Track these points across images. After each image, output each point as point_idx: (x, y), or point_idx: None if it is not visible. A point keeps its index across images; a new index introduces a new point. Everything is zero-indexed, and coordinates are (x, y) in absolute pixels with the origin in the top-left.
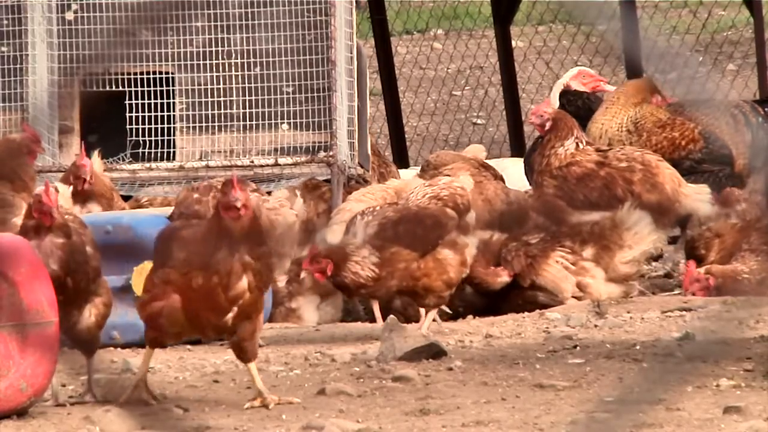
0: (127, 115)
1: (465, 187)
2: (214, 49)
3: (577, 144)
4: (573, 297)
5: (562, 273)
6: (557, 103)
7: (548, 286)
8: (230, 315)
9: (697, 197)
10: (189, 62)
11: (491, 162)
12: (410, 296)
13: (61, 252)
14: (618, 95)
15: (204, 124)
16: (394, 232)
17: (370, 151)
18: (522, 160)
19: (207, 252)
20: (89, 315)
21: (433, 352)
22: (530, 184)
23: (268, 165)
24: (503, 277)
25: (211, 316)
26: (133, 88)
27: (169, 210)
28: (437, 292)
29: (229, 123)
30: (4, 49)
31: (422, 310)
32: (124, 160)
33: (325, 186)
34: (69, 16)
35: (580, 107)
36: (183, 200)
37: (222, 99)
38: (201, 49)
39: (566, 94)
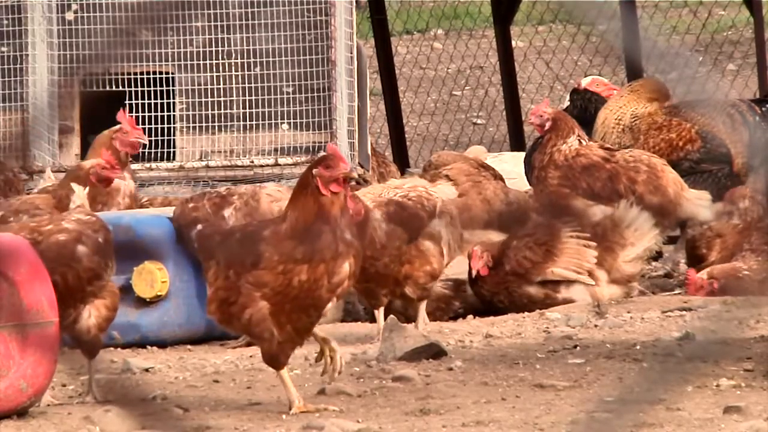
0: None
1: (434, 192)
2: (214, 49)
3: (579, 141)
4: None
5: (580, 245)
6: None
7: (571, 263)
8: (328, 306)
9: (698, 202)
10: (189, 62)
11: (490, 156)
12: (392, 285)
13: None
14: (638, 87)
15: (204, 124)
16: (387, 211)
17: (370, 151)
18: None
19: (310, 240)
20: (88, 316)
21: (433, 352)
22: (530, 184)
23: (268, 165)
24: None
25: (308, 314)
26: (133, 88)
27: (169, 210)
28: (420, 283)
29: (229, 123)
30: (4, 49)
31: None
32: None
33: None
34: (69, 16)
35: (587, 108)
36: (180, 214)
37: (222, 99)
38: (201, 49)
39: (577, 93)
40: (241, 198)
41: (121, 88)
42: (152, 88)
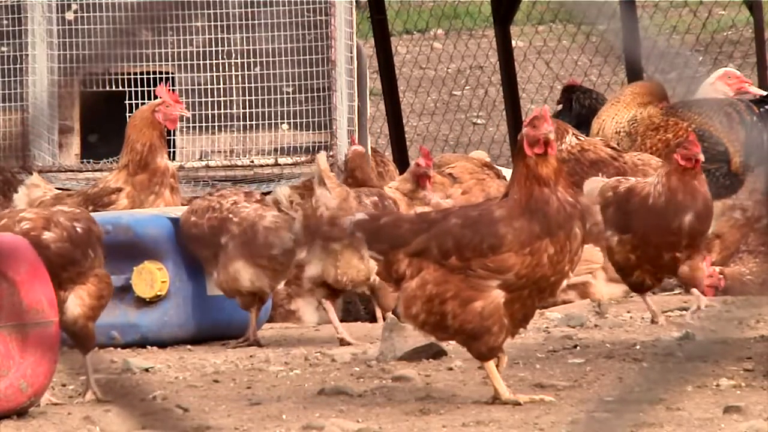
0: (127, 115)
1: (396, 199)
2: (214, 49)
3: (576, 137)
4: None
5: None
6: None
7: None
8: (563, 284)
9: None
10: (189, 62)
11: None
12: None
13: None
14: (625, 93)
15: (204, 124)
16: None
17: (370, 151)
18: None
19: (540, 210)
20: (74, 305)
21: (433, 352)
22: None
23: (268, 165)
24: None
25: (542, 296)
26: (133, 88)
27: (169, 210)
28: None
29: (229, 123)
30: (4, 49)
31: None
32: None
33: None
34: (69, 16)
35: (587, 106)
36: (182, 224)
37: (222, 99)
38: (201, 49)
39: (573, 91)
40: (240, 226)
41: (121, 88)
42: (152, 88)
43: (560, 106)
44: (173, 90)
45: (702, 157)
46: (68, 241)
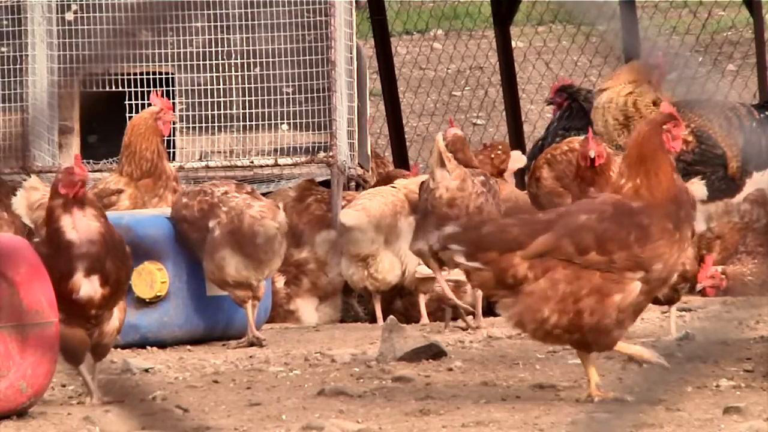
0: (127, 115)
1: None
2: (214, 49)
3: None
4: None
5: None
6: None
7: None
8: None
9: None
10: (189, 62)
11: None
12: None
13: (99, 225)
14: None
15: (204, 124)
16: None
17: (369, 151)
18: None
19: (675, 196)
20: (115, 318)
21: (433, 352)
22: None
23: (268, 165)
24: None
25: (664, 287)
26: (133, 89)
27: (169, 211)
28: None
29: (229, 123)
30: (4, 49)
31: (424, 311)
32: None
33: (311, 197)
34: (69, 16)
35: (583, 103)
36: (173, 205)
37: (222, 99)
38: (201, 49)
39: (573, 90)
40: (228, 214)
41: (121, 88)
42: (152, 88)
43: (541, 105)
44: (170, 92)
45: (593, 154)
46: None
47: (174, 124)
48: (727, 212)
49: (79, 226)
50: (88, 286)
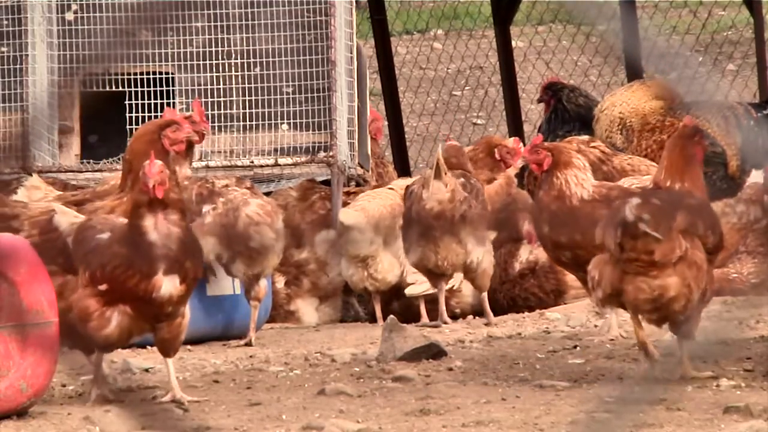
0: (127, 115)
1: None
2: (214, 49)
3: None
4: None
5: None
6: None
7: None
8: None
9: None
10: (189, 62)
11: None
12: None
13: (179, 230)
14: (641, 86)
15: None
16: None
17: (369, 151)
18: None
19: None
20: (187, 312)
21: (433, 352)
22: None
23: (268, 165)
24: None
25: None
26: (133, 88)
27: None
28: None
29: (229, 123)
30: (4, 49)
31: (423, 311)
32: None
33: (316, 194)
34: (69, 16)
35: (583, 105)
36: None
37: (222, 99)
38: (201, 49)
39: (560, 89)
40: (226, 205)
41: (121, 88)
42: (152, 88)
43: (541, 104)
44: (170, 91)
45: (520, 164)
46: None
47: None
48: (724, 213)
49: (160, 228)
50: (169, 285)
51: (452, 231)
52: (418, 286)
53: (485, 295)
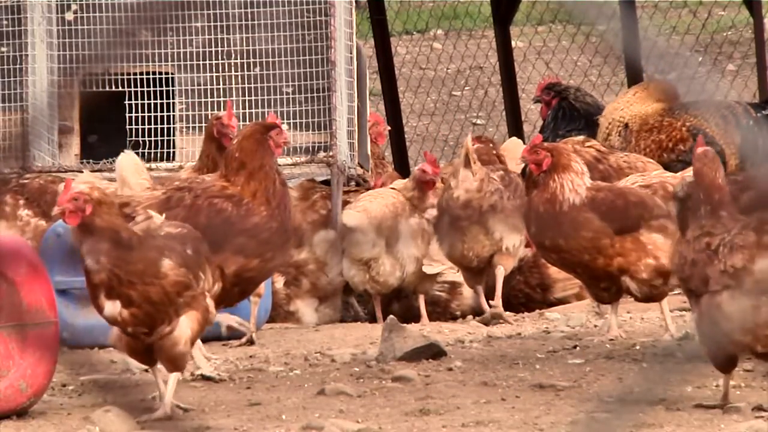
0: (127, 115)
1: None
2: (214, 49)
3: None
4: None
5: None
6: None
7: None
8: None
9: None
10: (189, 62)
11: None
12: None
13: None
14: (643, 88)
15: (204, 124)
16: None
17: (369, 151)
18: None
19: None
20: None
21: (433, 352)
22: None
23: None
24: None
25: None
26: (133, 88)
27: None
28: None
29: None
30: (4, 49)
31: (423, 311)
32: None
33: (317, 194)
34: (69, 16)
35: (591, 103)
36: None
37: (222, 99)
38: (201, 49)
39: (565, 89)
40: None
41: (121, 88)
42: (152, 88)
43: (540, 104)
44: (170, 91)
45: (520, 163)
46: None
47: (173, 123)
48: None
49: None
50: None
51: (480, 221)
52: (434, 267)
53: (482, 290)
